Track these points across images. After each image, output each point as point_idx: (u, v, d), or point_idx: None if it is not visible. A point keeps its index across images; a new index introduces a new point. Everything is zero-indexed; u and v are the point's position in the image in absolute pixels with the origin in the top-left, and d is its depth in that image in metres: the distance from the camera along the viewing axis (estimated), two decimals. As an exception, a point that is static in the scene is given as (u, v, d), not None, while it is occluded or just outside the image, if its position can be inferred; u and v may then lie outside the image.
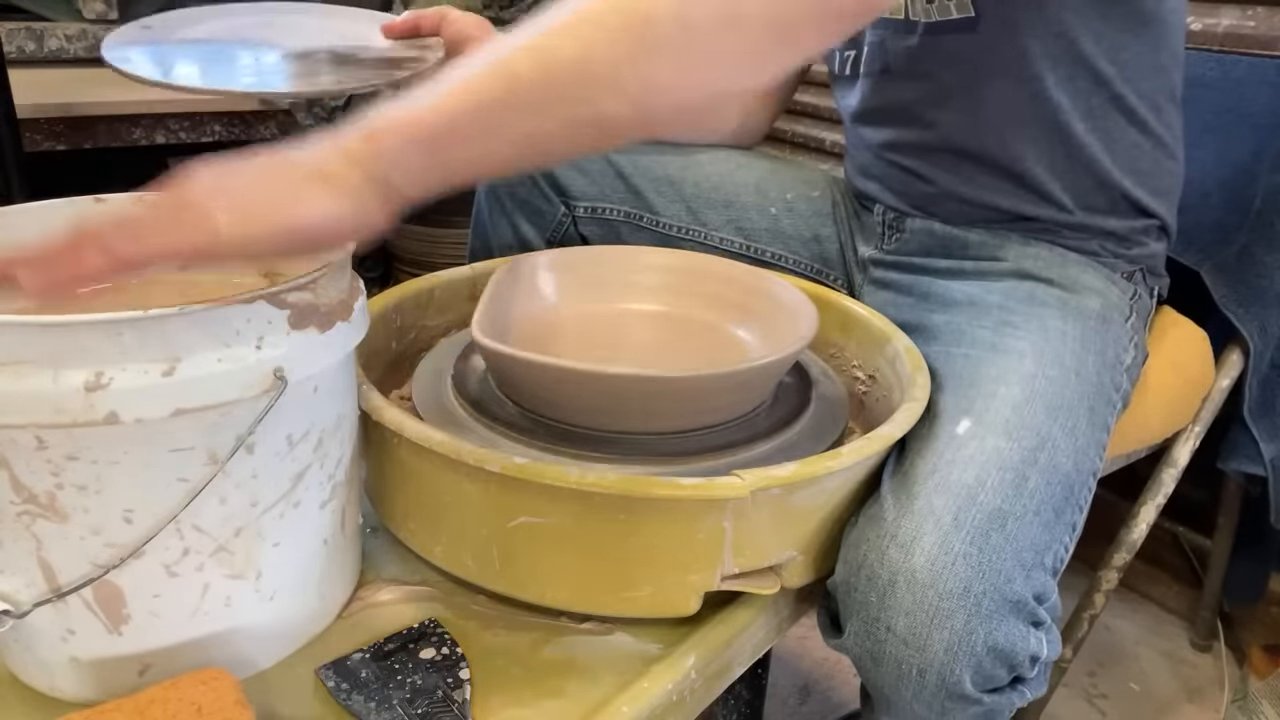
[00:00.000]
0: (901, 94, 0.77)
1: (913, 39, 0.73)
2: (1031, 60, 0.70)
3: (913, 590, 0.51)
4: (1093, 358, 0.67)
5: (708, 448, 0.58)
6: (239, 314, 0.41)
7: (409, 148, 0.41)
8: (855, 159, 0.87)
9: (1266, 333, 0.93)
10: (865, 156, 0.85)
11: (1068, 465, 0.59)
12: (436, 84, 0.43)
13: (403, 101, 0.42)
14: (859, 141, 0.85)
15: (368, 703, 0.47)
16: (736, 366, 0.58)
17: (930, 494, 0.54)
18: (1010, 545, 0.52)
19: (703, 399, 0.58)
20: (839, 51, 0.82)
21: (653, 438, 0.58)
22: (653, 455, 0.57)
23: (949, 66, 0.72)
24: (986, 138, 0.74)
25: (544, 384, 0.57)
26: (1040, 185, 0.74)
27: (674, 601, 0.52)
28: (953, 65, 0.72)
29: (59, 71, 1.46)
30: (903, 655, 0.51)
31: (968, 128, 0.74)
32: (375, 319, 0.62)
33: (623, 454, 0.57)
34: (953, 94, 0.74)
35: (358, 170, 0.41)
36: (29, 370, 0.38)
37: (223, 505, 0.44)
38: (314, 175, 0.41)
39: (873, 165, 0.84)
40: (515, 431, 0.58)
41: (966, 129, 0.74)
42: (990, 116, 0.73)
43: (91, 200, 0.54)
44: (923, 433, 0.59)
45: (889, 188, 0.83)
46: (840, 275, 0.91)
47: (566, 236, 0.89)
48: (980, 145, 0.75)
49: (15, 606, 0.42)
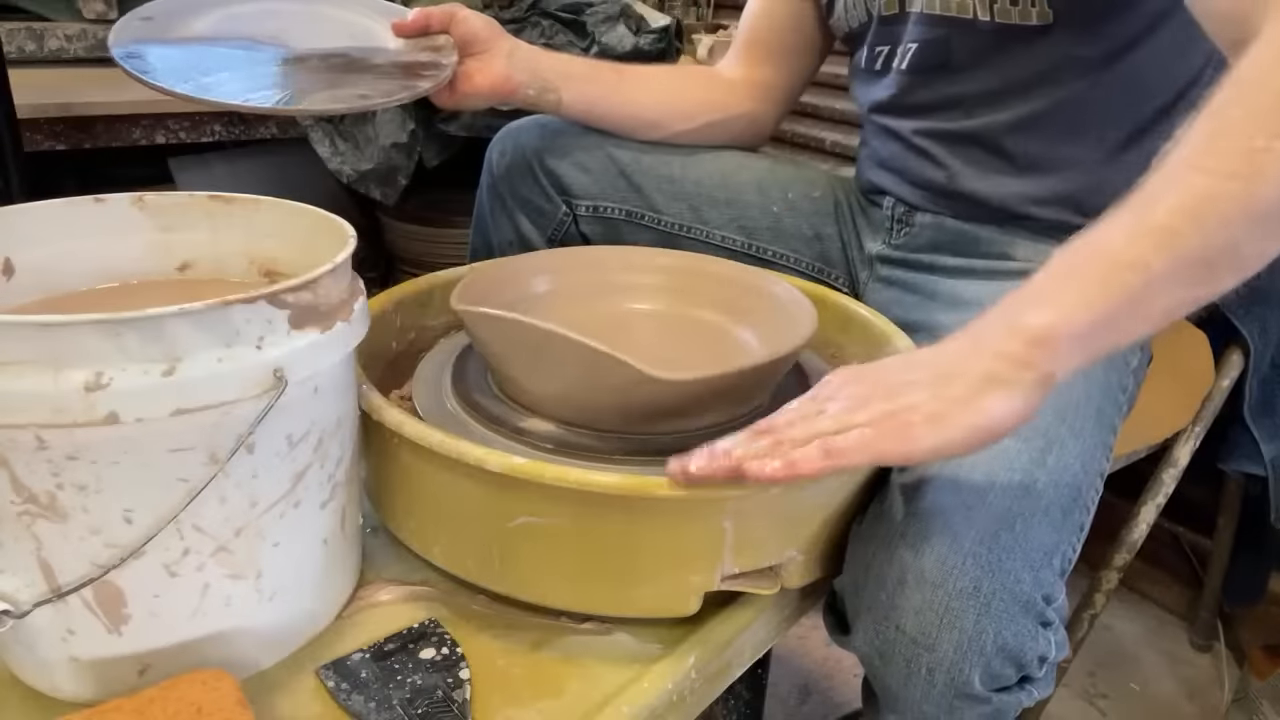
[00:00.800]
0: (955, 89, 0.76)
1: (982, 38, 0.72)
2: (1094, 71, 0.70)
3: (922, 590, 0.51)
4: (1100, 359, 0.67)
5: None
6: (239, 314, 0.41)
7: (1072, 348, 0.45)
8: (872, 151, 0.87)
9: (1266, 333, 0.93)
10: (886, 148, 0.84)
11: (1075, 466, 0.59)
12: (1061, 273, 0.46)
13: (1037, 298, 0.46)
14: (879, 132, 0.85)
15: (368, 703, 0.47)
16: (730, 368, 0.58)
17: (939, 494, 0.54)
18: (1019, 545, 0.52)
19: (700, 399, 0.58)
20: (870, 47, 0.82)
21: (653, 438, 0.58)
22: (653, 455, 0.57)
23: (1017, 68, 0.72)
24: (1033, 140, 0.74)
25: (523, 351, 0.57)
26: (1070, 192, 0.74)
27: (674, 601, 0.52)
28: (1020, 66, 0.72)
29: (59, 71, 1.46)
30: (912, 654, 0.51)
31: (1017, 127, 0.74)
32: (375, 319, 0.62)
33: (623, 454, 0.57)
34: (1013, 94, 0.73)
35: (1029, 373, 0.44)
36: (29, 370, 0.38)
37: (223, 505, 0.44)
38: (991, 379, 0.45)
39: (893, 157, 0.83)
40: (515, 431, 0.58)
41: (1016, 128, 0.74)
42: (1043, 120, 0.73)
43: (91, 200, 0.53)
44: None
45: (906, 179, 0.82)
46: (842, 274, 0.91)
47: (568, 235, 0.89)
48: (1023, 146, 0.75)
49: (15, 606, 0.42)
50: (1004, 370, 0.45)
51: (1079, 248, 0.47)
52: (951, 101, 0.77)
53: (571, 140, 0.87)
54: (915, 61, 0.78)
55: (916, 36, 0.77)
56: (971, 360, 0.46)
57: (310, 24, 0.77)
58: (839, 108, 1.53)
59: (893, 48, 0.80)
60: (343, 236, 0.50)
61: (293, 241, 0.55)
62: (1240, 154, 0.45)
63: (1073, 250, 0.47)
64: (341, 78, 0.71)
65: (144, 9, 0.72)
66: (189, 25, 0.73)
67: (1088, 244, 0.47)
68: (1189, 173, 0.46)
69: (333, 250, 0.47)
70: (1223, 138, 0.46)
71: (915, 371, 0.47)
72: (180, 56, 0.69)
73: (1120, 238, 0.46)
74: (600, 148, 0.87)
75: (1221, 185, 0.44)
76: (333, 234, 0.51)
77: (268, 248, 0.56)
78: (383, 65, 0.74)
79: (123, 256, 0.55)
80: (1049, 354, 0.45)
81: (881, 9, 0.79)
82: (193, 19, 0.74)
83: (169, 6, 0.74)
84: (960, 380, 0.45)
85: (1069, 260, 0.47)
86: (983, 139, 0.76)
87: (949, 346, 0.48)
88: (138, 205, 0.55)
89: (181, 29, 0.73)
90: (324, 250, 0.47)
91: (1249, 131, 0.45)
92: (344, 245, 0.48)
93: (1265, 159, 0.44)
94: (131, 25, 0.71)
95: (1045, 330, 0.45)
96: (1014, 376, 0.44)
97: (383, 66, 0.74)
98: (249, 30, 0.74)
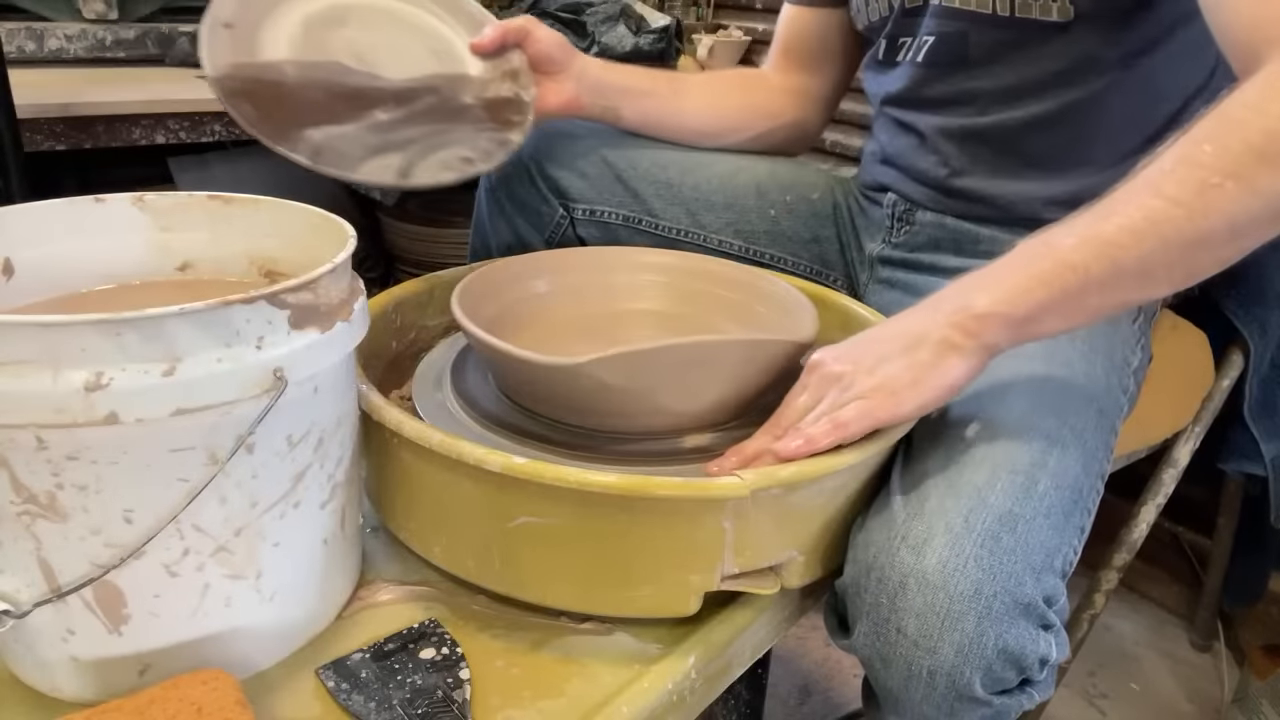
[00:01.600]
0: (970, 85, 0.76)
1: (1001, 34, 0.72)
2: (1111, 73, 0.71)
3: (924, 592, 0.51)
4: (1101, 360, 0.67)
5: (708, 448, 0.58)
6: (239, 314, 0.41)
7: (1007, 329, 0.53)
8: (879, 146, 0.87)
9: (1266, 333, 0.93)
10: (893, 143, 0.84)
11: (1076, 468, 0.59)
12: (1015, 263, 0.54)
13: (990, 281, 0.54)
14: (888, 125, 0.85)
15: (368, 703, 0.47)
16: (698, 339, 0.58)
17: (941, 496, 0.54)
18: (1021, 547, 0.52)
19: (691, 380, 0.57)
20: (886, 39, 0.82)
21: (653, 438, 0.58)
22: (653, 455, 0.57)
23: (1033, 66, 0.72)
24: (1045, 140, 0.74)
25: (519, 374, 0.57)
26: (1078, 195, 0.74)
27: (674, 601, 0.52)
28: (1037, 65, 0.72)
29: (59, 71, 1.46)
30: (913, 657, 0.51)
31: (1031, 127, 0.74)
32: (375, 319, 0.62)
33: (623, 454, 0.57)
34: (1028, 92, 0.73)
35: (973, 341, 0.54)
36: (29, 370, 0.38)
37: (223, 505, 0.44)
38: (948, 345, 0.54)
39: (900, 153, 0.83)
40: (515, 431, 0.58)
41: (1029, 128, 0.74)
42: (1056, 121, 0.73)
43: (91, 200, 0.53)
44: (932, 435, 0.59)
45: (910, 175, 0.82)
46: (841, 276, 0.91)
47: (565, 238, 0.89)
48: (1034, 146, 0.75)
49: (15, 606, 0.42)
50: (957, 337, 0.54)
51: (1038, 242, 0.54)
52: (965, 97, 0.77)
53: (569, 145, 0.87)
54: (931, 55, 0.77)
55: (934, 29, 0.76)
56: (931, 329, 0.54)
57: (390, 33, 0.75)
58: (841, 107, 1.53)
59: (910, 40, 0.79)
60: (343, 236, 0.50)
61: (293, 241, 0.55)
62: (1195, 186, 0.50)
63: (1033, 242, 0.54)
64: (440, 132, 0.72)
65: (220, 10, 0.68)
66: (274, 37, 0.70)
67: (1046, 241, 0.54)
68: (1146, 193, 0.52)
69: (333, 250, 0.47)
70: (1186, 166, 0.51)
71: (886, 344, 0.56)
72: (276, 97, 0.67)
73: (1071, 241, 0.52)
74: (597, 152, 0.87)
75: (1169, 211, 0.50)
76: (333, 234, 0.51)
77: (268, 248, 0.56)
78: (472, 107, 0.75)
79: (123, 256, 0.55)
80: (990, 330, 0.53)
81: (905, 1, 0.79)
82: (273, 27, 0.71)
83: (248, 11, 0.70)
84: (925, 347, 0.54)
85: (1026, 251, 0.54)
86: (994, 137, 0.76)
87: (912, 316, 0.57)
88: (138, 205, 0.55)
89: (268, 42, 0.70)
90: (324, 250, 0.47)
91: (1212, 167, 0.50)
92: (344, 245, 0.48)
93: (1216, 194, 0.49)
94: (219, 39, 0.67)
95: (987, 310, 0.53)
96: (965, 344, 0.53)
97: (472, 109, 0.75)
98: (335, 47, 0.72)
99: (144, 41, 1.59)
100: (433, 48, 0.77)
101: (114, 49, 1.57)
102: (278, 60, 0.69)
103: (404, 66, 0.74)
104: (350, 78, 0.72)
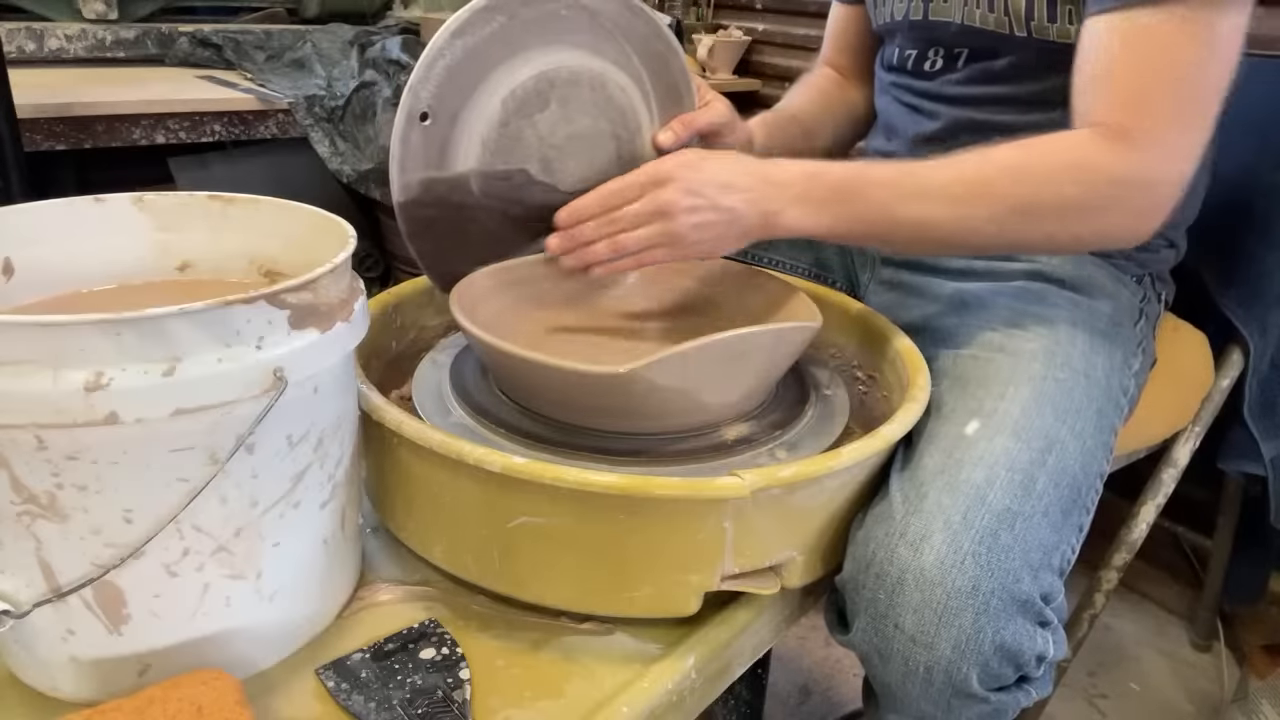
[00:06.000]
0: (988, 94, 0.76)
1: (1025, 54, 0.72)
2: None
3: (921, 588, 0.51)
4: (1102, 361, 0.67)
5: (708, 448, 0.58)
6: (239, 314, 0.41)
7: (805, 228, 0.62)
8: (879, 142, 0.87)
9: (1266, 333, 0.93)
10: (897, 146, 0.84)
11: (1075, 467, 0.59)
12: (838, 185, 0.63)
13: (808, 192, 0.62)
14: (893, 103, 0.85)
15: (368, 703, 0.47)
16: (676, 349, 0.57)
17: (940, 493, 0.54)
18: (1019, 545, 0.52)
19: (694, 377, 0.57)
20: (900, 48, 0.82)
21: (653, 438, 0.58)
22: (653, 455, 0.57)
23: (1049, 78, 0.72)
24: None
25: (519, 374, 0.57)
26: None
27: (674, 601, 0.52)
28: (1053, 77, 0.72)
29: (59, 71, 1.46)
30: (910, 652, 0.51)
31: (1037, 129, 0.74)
32: (375, 319, 0.62)
33: (623, 454, 0.57)
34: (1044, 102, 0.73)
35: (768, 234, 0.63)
36: (29, 370, 0.38)
37: (223, 505, 0.44)
38: (748, 236, 0.63)
39: (899, 149, 0.83)
40: (515, 431, 0.58)
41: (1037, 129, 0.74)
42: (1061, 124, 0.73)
43: (91, 200, 0.53)
44: (931, 433, 0.59)
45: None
46: (840, 278, 0.91)
47: None
48: None
49: (15, 606, 0.42)
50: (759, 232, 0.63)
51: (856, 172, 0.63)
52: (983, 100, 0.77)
53: None
54: (950, 66, 0.78)
55: (962, 43, 0.76)
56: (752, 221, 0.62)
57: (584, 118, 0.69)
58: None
59: (919, 51, 0.80)
60: (343, 236, 0.50)
61: (293, 241, 0.55)
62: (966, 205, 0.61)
63: (856, 168, 0.63)
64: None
65: (421, 90, 0.61)
66: (469, 135, 0.64)
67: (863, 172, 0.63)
68: (941, 181, 0.62)
69: (333, 250, 0.47)
70: (979, 184, 0.61)
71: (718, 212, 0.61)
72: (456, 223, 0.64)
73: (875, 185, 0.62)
74: None
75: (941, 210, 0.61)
76: (333, 234, 0.51)
77: (268, 248, 0.56)
78: None
79: (123, 256, 0.55)
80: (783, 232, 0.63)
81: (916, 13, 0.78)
82: (471, 117, 0.64)
83: (446, 97, 0.62)
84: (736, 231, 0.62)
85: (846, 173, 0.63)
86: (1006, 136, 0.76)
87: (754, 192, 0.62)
88: (138, 205, 0.55)
89: (462, 143, 0.64)
90: (324, 250, 0.47)
91: (991, 197, 0.60)
92: (344, 245, 0.48)
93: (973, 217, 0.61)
94: (413, 141, 0.61)
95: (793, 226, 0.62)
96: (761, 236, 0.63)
97: None
98: (526, 145, 0.67)
99: (144, 41, 1.59)
100: (618, 133, 0.72)
101: (114, 49, 1.57)
102: (466, 172, 0.65)
103: (585, 166, 0.70)
104: (531, 193, 0.68)
